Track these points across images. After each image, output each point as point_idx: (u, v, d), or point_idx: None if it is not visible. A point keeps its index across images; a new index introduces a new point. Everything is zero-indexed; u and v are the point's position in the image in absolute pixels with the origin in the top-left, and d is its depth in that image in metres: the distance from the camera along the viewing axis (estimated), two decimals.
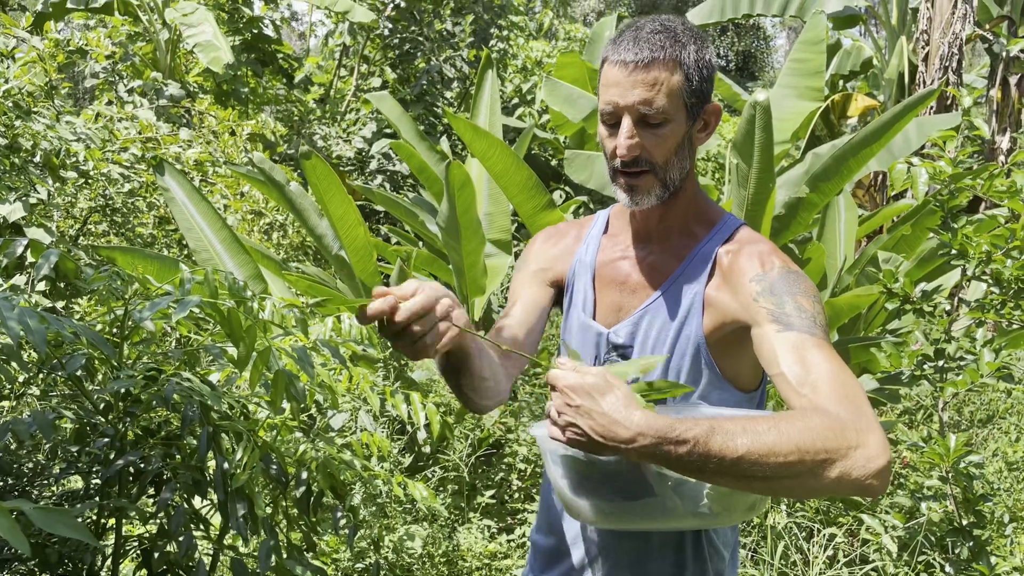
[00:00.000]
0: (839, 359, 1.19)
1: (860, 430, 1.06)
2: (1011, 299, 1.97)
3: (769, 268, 1.28)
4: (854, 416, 1.07)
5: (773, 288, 1.26)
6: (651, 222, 1.40)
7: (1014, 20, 8.20)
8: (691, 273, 1.36)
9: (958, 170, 2.02)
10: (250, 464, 2.23)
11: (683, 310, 1.36)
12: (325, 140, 9.04)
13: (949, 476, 2.03)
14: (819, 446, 1.03)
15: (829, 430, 1.05)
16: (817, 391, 1.13)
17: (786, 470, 1.03)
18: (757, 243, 1.33)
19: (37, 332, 1.92)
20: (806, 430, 1.05)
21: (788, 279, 1.27)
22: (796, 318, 1.22)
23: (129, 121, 5.69)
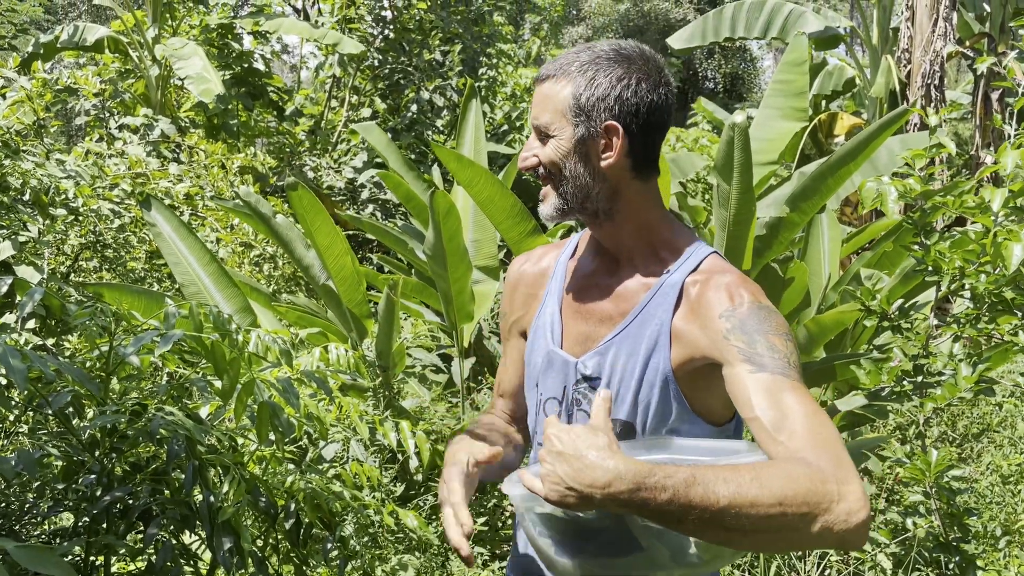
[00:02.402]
0: (813, 402, 1.17)
1: (840, 481, 1.04)
2: (985, 314, 1.99)
3: (738, 303, 1.25)
4: (833, 466, 1.06)
5: (744, 326, 1.23)
6: (607, 246, 1.40)
7: (993, 37, 8.32)
8: (658, 303, 1.33)
9: (927, 187, 2.05)
10: (236, 497, 2.23)
11: (650, 341, 1.32)
12: (316, 171, 9.10)
13: (932, 491, 2.04)
14: (801, 499, 1.02)
15: (810, 482, 1.03)
16: (794, 438, 1.11)
17: (768, 523, 1.02)
18: (724, 273, 1.30)
19: (18, 371, 1.93)
20: (789, 481, 1.03)
21: (759, 316, 1.24)
22: (768, 358, 1.19)
23: (119, 157, 5.73)
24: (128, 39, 9.01)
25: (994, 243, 1.87)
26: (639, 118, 1.30)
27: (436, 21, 9.57)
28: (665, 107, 1.32)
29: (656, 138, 1.33)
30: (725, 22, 9.06)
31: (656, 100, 1.30)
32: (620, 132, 1.30)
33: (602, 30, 23.84)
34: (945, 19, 7.60)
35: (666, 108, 1.32)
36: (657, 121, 1.31)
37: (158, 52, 8.39)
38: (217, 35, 9.18)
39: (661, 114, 1.31)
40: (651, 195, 1.36)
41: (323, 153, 9.66)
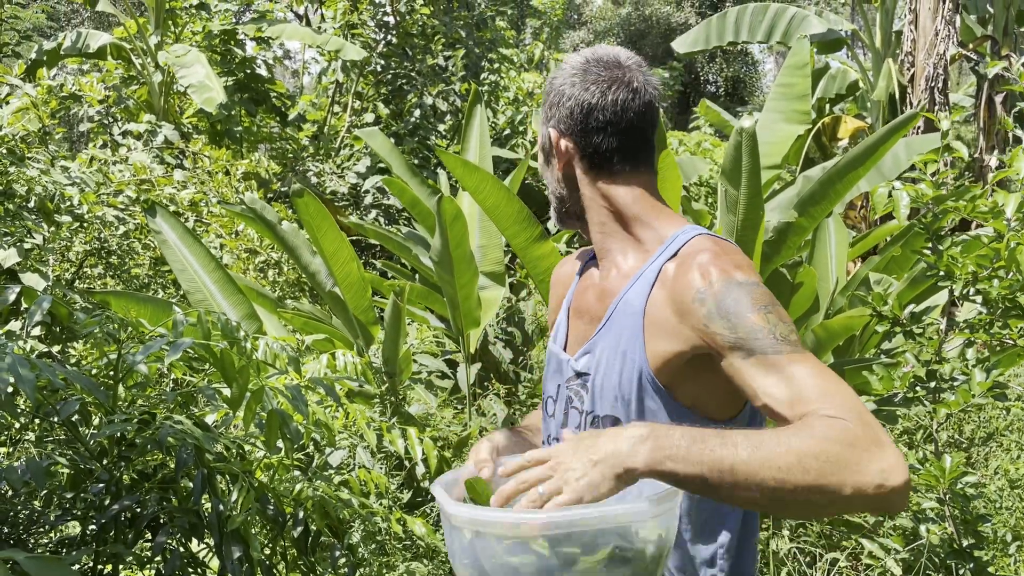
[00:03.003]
0: (820, 366, 1.10)
1: (871, 440, 0.98)
2: (999, 318, 1.98)
3: (707, 281, 1.20)
4: (859, 425, 0.99)
5: (720, 308, 1.17)
6: (594, 245, 1.43)
7: (996, 40, 8.31)
8: (636, 292, 1.30)
9: (939, 192, 2.04)
10: (245, 505, 2.22)
11: (626, 333, 1.30)
12: (319, 176, 9.10)
13: (947, 497, 2.03)
14: (829, 454, 0.97)
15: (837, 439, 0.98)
16: (809, 403, 1.05)
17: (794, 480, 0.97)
18: (700, 252, 1.24)
19: (27, 380, 1.93)
20: (811, 439, 0.99)
21: (733, 294, 1.17)
22: (755, 340, 1.14)
23: (123, 164, 5.73)
24: (131, 46, 9.03)
25: (1008, 248, 1.86)
26: (574, 121, 1.34)
27: (439, 26, 9.57)
28: (605, 106, 1.31)
29: (603, 138, 1.33)
30: (728, 26, 9.07)
31: (592, 100, 1.32)
32: (557, 138, 1.36)
33: (603, 34, 23.87)
34: (948, 22, 7.60)
35: (607, 106, 1.31)
36: (597, 121, 1.32)
37: (161, 59, 8.40)
38: (220, 41, 9.19)
39: (602, 113, 1.31)
40: (627, 191, 1.35)
41: (326, 159, 9.67)
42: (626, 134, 1.33)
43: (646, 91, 1.34)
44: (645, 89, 1.34)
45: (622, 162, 1.35)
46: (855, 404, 1.03)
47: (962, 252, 2.07)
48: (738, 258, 1.24)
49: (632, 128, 1.33)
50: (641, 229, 1.34)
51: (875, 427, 1.00)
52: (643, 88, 1.33)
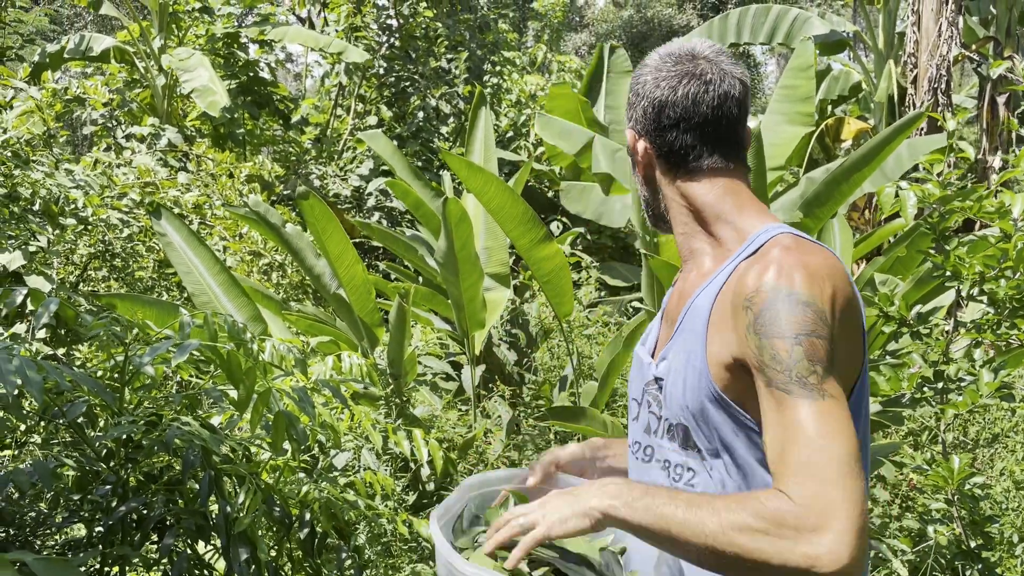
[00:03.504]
0: (820, 421, 1.06)
1: (810, 525, 0.99)
2: (1007, 319, 1.98)
3: (758, 286, 1.14)
4: (808, 506, 1.00)
5: (757, 321, 1.13)
6: (680, 249, 1.37)
7: (999, 41, 8.31)
8: (705, 296, 1.24)
9: (946, 192, 2.04)
10: (252, 507, 2.22)
11: (692, 338, 1.24)
12: (322, 179, 9.11)
13: (955, 498, 2.02)
14: (753, 532, 1.01)
15: (766, 519, 1.01)
16: (786, 469, 1.05)
17: (721, 552, 1.03)
18: (770, 251, 1.18)
19: (34, 383, 1.93)
20: (743, 512, 1.03)
21: (772, 308, 1.11)
22: (773, 370, 1.10)
23: (127, 167, 5.74)
24: (134, 49, 9.04)
25: (1015, 248, 1.86)
26: (648, 120, 1.30)
27: (442, 30, 9.59)
28: (675, 101, 1.27)
29: (676, 135, 1.28)
30: (731, 28, 9.07)
31: (662, 97, 1.28)
32: (635, 139, 1.33)
33: (605, 37, 23.88)
34: (951, 23, 7.59)
35: (677, 102, 1.27)
36: (669, 118, 1.27)
37: (164, 62, 8.41)
38: (223, 44, 9.21)
39: (673, 109, 1.27)
40: (707, 188, 1.29)
41: (329, 161, 9.68)
42: (701, 129, 1.27)
43: (722, 82, 1.27)
44: (721, 80, 1.27)
45: (699, 158, 1.29)
46: (826, 479, 1.01)
47: (969, 252, 2.07)
48: (812, 263, 1.15)
49: (707, 122, 1.27)
50: (722, 228, 1.28)
51: (830, 509, 0.99)
52: (717, 80, 1.27)
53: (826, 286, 1.13)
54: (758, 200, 1.32)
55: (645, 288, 3.24)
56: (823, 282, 1.13)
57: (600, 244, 8.94)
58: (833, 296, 1.13)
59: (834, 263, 1.17)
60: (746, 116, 1.30)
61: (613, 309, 6.48)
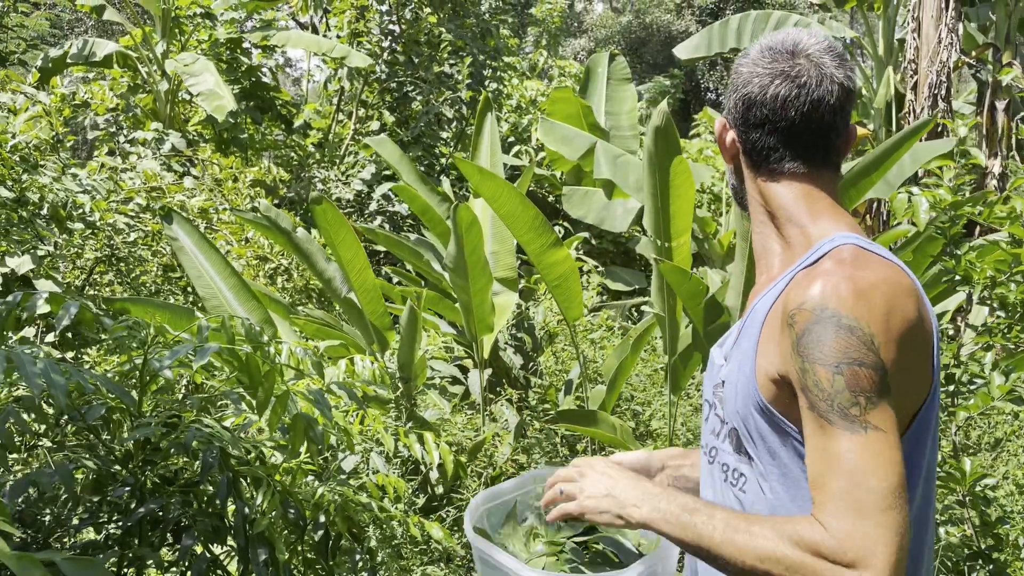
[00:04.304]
0: (861, 453, 1.03)
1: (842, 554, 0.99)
2: (1017, 323, 2.01)
3: (800, 304, 1.10)
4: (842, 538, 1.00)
5: (801, 343, 1.09)
6: (754, 247, 1.35)
7: (999, 47, 8.36)
8: (764, 302, 1.21)
9: (957, 198, 2.07)
10: (271, 509, 2.24)
11: (748, 344, 1.22)
12: (324, 183, 9.14)
13: (966, 500, 2.05)
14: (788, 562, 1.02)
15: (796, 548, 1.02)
16: (825, 498, 1.04)
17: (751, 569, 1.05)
18: (823, 263, 1.14)
19: (59, 385, 1.96)
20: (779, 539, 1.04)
21: (815, 331, 1.08)
22: (815, 395, 1.07)
23: (133, 171, 5.76)
24: (137, 54, 9.07)
25: None
26: (737, 113, 1.26)
27: (445, 35, 9.63)
28: (764, 101, 1.22)
29: (760, 134, 1.24)
30: (731, 33, 9.12)
31: (753, 94, 1.23)
32: (723, 129, 1.30)
33: (604, 42, 23.95)
34: (951, 30, 7.64)
35: (766, 102, 1.22)
36: (756, 116, 1.23)
37: (169, 67, 8.44)
38: (226, 49, 9.24)
39: (760, 109, 1.22)
40: (786, 191, 1.25)
41: (331, 166, 9.71)
42: (788, 132, 1.22)
43: (819, 86, 1.20)
44: (818, 84, 1.20)
45: (780, 161, 1.24)
46: (863, 513, 1.00)
47: (979, 257, 2.10)
48: (864, 278, 1.10)
49: (795, 127, 1.21)
50: (793, 232, 1.24)
51: (867, 546, 0.99)
52: (813, 83, 1.20)
53: (877, 305, 1.07)
54: (839, 207, 1.26)
55: (655, 291, 3.27)
56: (873, 301, 1.07)
57: (601, 248, 8.98)
58: (887, 317, 1.07)
59: (895, 279, 1.11)
60: (845, 121, 1.25)
61: (616, 313, 6.51)
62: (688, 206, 3.12)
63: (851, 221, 1.23)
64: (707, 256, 6.99)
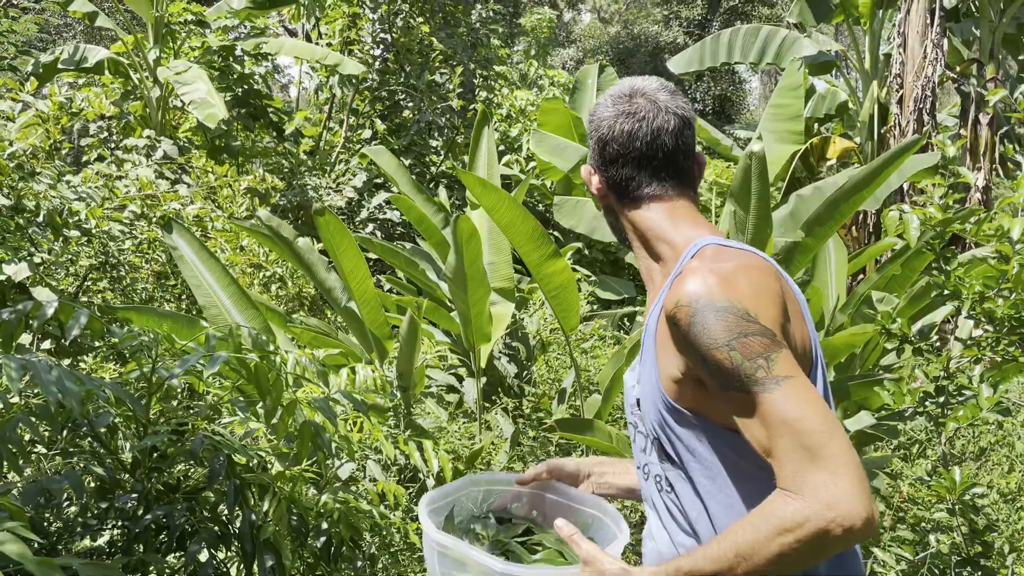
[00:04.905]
0: (783, 401, 1.12)
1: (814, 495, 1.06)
2: (1004, 336, 2.08)
3: (676, 302, 1.22)
4: (803, 481, 1.07)
5: (690, 336, 1.20)
6: (642, 274, 1.47)
7: (982, 62, 8.51)
8: (654, 315, 1.33)
9: (948, 215, 2.14)
10: (277, 515, 2.28)
11: (648, 357, 1.33)
12: (316, 191, 9.16)
13: (956, 508, 2.11)
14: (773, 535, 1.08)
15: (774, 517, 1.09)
16: (777, 461, 1.12)
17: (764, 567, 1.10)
18: (689, 265, 1.27)
19: (73, 393, 1.99)
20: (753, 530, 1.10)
21: (697, 324, 1.18)
22: (722, 377, 1.17)
23: (127, 179, 5.77)
24: (129, 60, 9.06)
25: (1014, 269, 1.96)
26: (596, 155, 1.42)
27: (437, 44, 9.69)
28: (614, 137, 1.38)
29: (617, 168, 1.39)
30: (722, 47, 9.25)
31: (604, 134, 1.39)
32: (589, 173, 1.44)
33: (592, 52, 24.09)
34: (936, 45, 7.78)
35: (616, 138, 1.38)
36: (613, 153, 1.39)
37: (161, 75, 8.44)
38: (219, 57, 9.25)
39: (611, 145, 1.38)
40: (649, 214, 1.39)
41: (323, 174, 9.73)
42: (638, 162, 1.38)
43: (657, 118, 1.36)
44: (655, 116, 1.37)
45: (640, 187, 1.39)
46: (815, 455, 1.08)
47: (966, 272, 2.17)
48: (724, 268, 1.23)
49: (643, 155, 1.37)
50: (663, 248, 1.37)
51: (831, 480, 1.06)
52: (651, 116, 1.37)
53: (742, 286, 1.20)
54: (698, 216, 1.40)
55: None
56: (738, 283, 1.20)
57: (591, 258, 9.05)
58: (755, 293, 1.20)
59: (754, 263, 1.26)
60: (687, 146, 1.40)
61: (607, 322, 6.58)
62: None
63: (712, 228, 1.38)
64: None
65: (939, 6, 7.82)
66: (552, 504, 1.59)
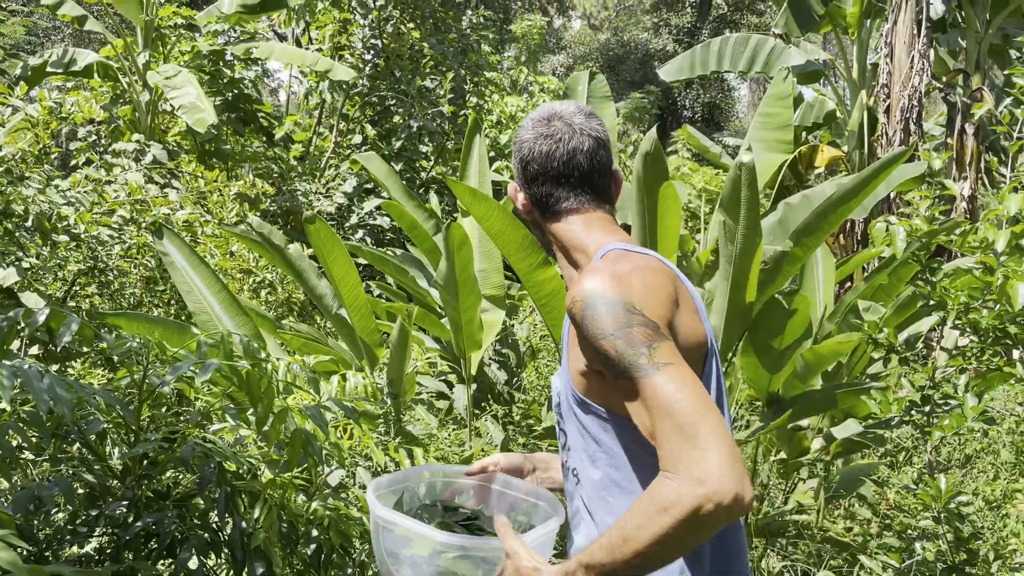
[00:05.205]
0: (661, 387, 1.21)
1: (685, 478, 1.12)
2: (989, 347, 2.11)
3: (573, 300, 1.32)
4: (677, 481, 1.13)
5: (584, 330, 1.29)
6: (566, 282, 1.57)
7: (968, 73, 8.60)
8: (566, 318, 1.44)
9: (933, 227, 2.18)
10: (268, 523, 2.28)
11: (563, 357, 1.45)
12: (306, 196, 9.15)
13: (942, 516, 2.14)
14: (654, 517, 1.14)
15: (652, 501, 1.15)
16: (660, 443, 1.19)
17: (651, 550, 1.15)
18: (585, 270, 1.38)
19: (65, 400, 1.99)
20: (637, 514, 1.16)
21: (588, 315, 1.28)
22: (612, 366, 1.26)
23: (116, 184, 5.76)
24: (118, 64, 9.03)
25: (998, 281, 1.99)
26: (519, 173, 1.54)
27: (428, 50, 9.70)
28: (533, 158, 1.49)
29: (537, 186, 1.50)
30: (712, 56, 9.31)
31: (524, 154, 1.51)
32: (515, 191, 1.56)
33: (582, 59, 24.18)
34: (923, 55, 7.86)
35: (535, 158, 1.49)
36: (534, 172, 1.49)
37: (151, 79, 8.42)
38: (209, 61, 9.23)
39: (531, 165, 1.49)
40: (568, 227, 1.50)
41: (313, 179, 9.72)
42: (556, 180, 1.49)
43: (571, 140, 1.48)
44: (570, 138, 1.48)
45: (559, 203, 1.50)
46: (690, 434, 1.15)
47: (951, 283, 2.20)
48: (619, 269, 1.33)
49: (561, 173, 1.48)
50: (580, 256, 1.48)
51: (704, 457, 1.12)
52: (567, 138, 1.48)
53: (634, 284, 1.31)
54: (613, 226, 1.51)
55: None
56: (630, 282, 1.31)
57: None
58: (644, 290, 1.30)
59: (649, 264, 1.37)
60: (603, 164, 1.50)
61: None
62: (675, 228, 3.22)
63: (624, 236, 1.49)
64: (686, 273, 7.10)
65: (926, 17, 7.90)
66: (496, 494, 1.69)
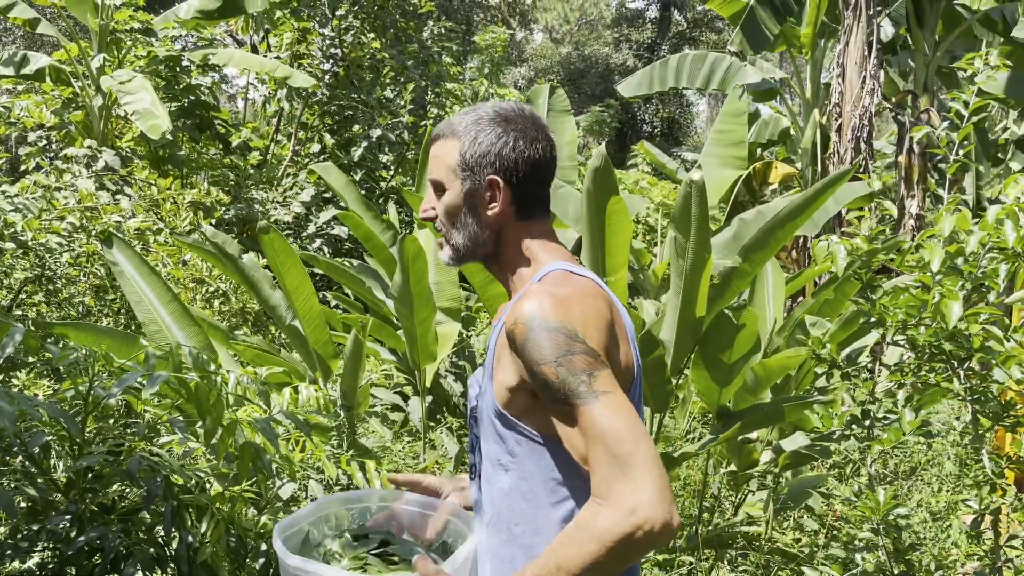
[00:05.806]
0: (597, 415, 1.23)
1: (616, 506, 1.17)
2: (927, 363, 2.18)
3: (515, 320, 1.31)
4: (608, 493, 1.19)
5: (525, 352, 1.29)
6: (502, 284, 1.54)
7: (916, 94, 8.85)
8: (495, 334, 1.43)
9: (873, 246, 2.25)
10: (215, 537, 2.26)
11: (488, 367, 1.42)
12: (263, 205, 9.06)
13: (880, 528, 2.20)
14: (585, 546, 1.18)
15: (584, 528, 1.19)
16: (593, 470, 1.22)
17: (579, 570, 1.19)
18: (528, 291, 1.36)
19: (6, 413, 1.96)
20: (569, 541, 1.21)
21: (530, 340, 1.28)
22: (550, 391, 1.27)
23: (67, 190, 5.65)
24: (71, 68, 8.88)
25: (933, 300, 2.07)
26: (518, 171, 1.45)
27: (388, 59, 9.70)
28: (541, 159, 1.46)
29: (535, 187, 1.47)
30: (670, 72, 9.46)
31: (532, 154, 1.45)
32: (501, 184, 1.45)
33: (544, 72, 24.33)
34: (873, 76, 8.07)
35: (542, 160, 1.46)
36: (535, 172, 1.46)
37: (104, 84, 8.28)
38: (165, 67, 9.11)
39: (537, 165, 1.46)
40: (535, 231, 1.48)
41: (270, 187, 9.63)
42: (541, 184, 1.48)
43: (552, 148, 1.49)
44: (551, 147, 1.49)
45: (533, 208, 1.48)
46: (624, 463, 1.19)
47: (891, 300, 2.27)
48: (561, 293, 1.33)
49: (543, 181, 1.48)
50: (526, 269, 1.46)
51: (635, 486, 1.17)
52: (549, 146, 1.48)
53: (575, 310, 1.31)
54: (556, 239, 1.51)
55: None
56: (571, 307, 1.31)
57: None
58: (584, 317, 1.31)
59: (589, 290, 1.37)
60: None
61: None
62: (625, 242, 3.27)
63: (564, 253, 1.48)
64: (642, 287, 7.18)
65: (876, 39, 8.12)
66: (408, 514, 1.66)
